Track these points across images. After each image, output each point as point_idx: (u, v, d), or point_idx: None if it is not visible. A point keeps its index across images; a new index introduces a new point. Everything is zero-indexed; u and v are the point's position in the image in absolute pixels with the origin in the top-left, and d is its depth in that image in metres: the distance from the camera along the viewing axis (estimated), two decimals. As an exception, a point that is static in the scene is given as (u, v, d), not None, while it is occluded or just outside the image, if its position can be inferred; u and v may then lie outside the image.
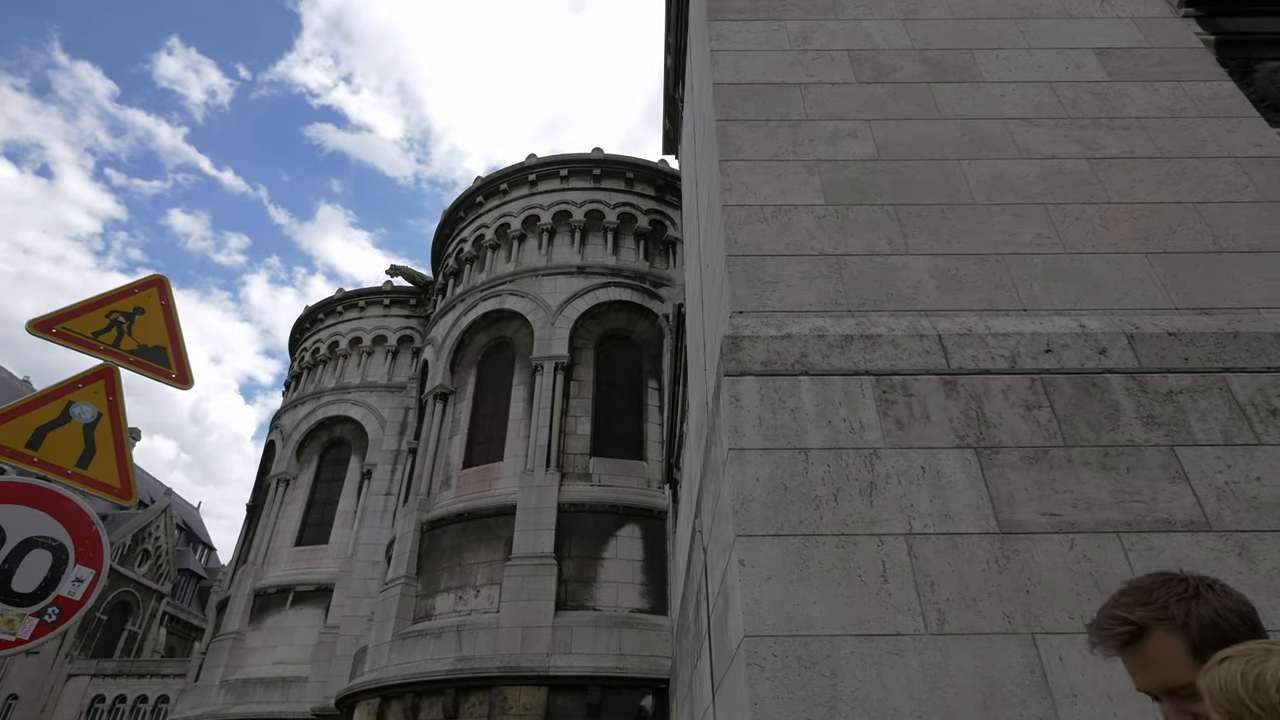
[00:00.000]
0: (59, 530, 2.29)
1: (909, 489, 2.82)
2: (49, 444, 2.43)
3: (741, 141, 4.14)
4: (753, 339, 3.25)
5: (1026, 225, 3.74)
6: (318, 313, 19.61)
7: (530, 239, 14.75)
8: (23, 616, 2.12)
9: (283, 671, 14.10)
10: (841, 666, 2.45)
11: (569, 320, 13.18)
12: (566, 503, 11.26)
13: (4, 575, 2.12)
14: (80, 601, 2.27)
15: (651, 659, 10.02)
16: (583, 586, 10.69)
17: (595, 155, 15.36)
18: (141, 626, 33.72)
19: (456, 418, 13.33)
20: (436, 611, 11.05)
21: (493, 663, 9.83)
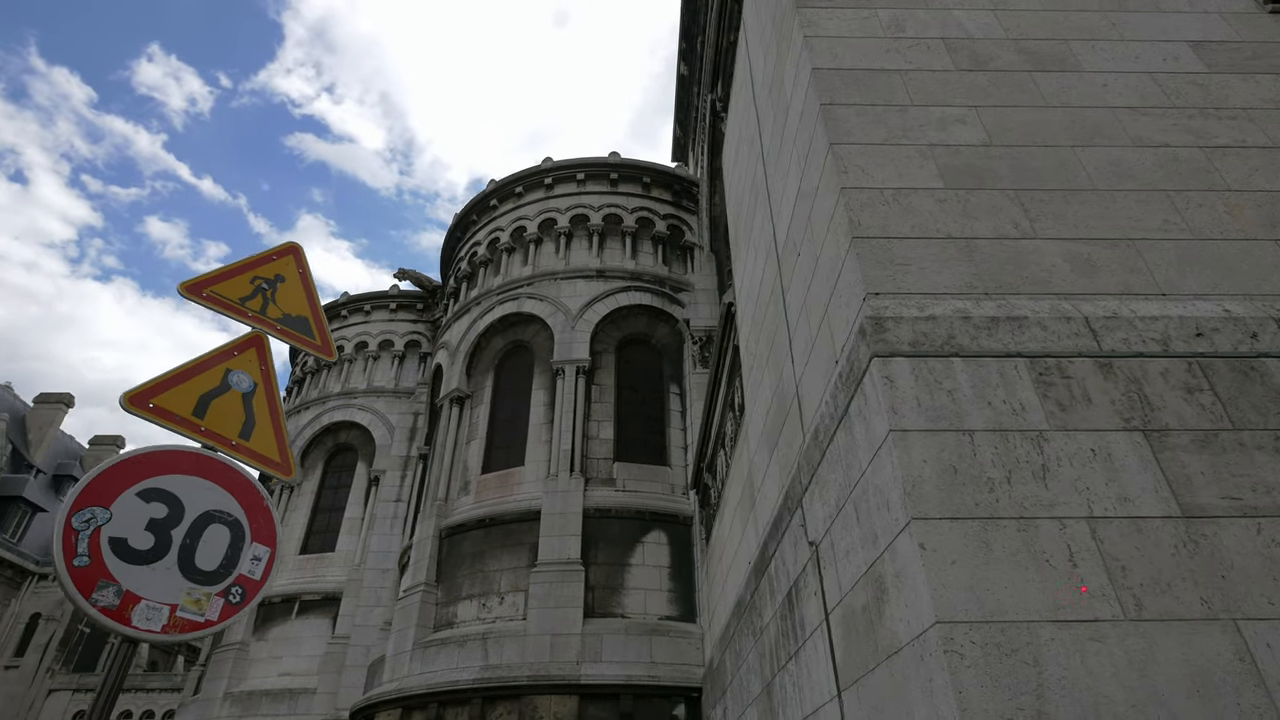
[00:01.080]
0: (233, 505, 2.12)
1: (1082, 472, 2.71)
2: (213, 413, 2.26)
3: (851, 125, 4.06)
4: (897, 320, 3.14)
5: (1151, 211, 3.68)
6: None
7: (547, 242, 14.62)
8: (209, 596, 1.95)
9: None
10: (1044, 654, 2.33)
11: (589, 324, 13.04)
12: (592, 508, 11.08)
13: (187, 551, 1.94)
14: (260, 581, 2.10)
15: (683, 667, 9.83)
16: (610, 593, 10.50)
17: (612, 159, 15.29)
18: (125, 639, 32.81)
19: (474, 422, 13.12)
20: (459, 619, 10.79)
21: (521, 671, 9.59)
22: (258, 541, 2.13)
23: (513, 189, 15.45)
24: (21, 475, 31.62)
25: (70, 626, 29.86)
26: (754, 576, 5.80)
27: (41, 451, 34.40)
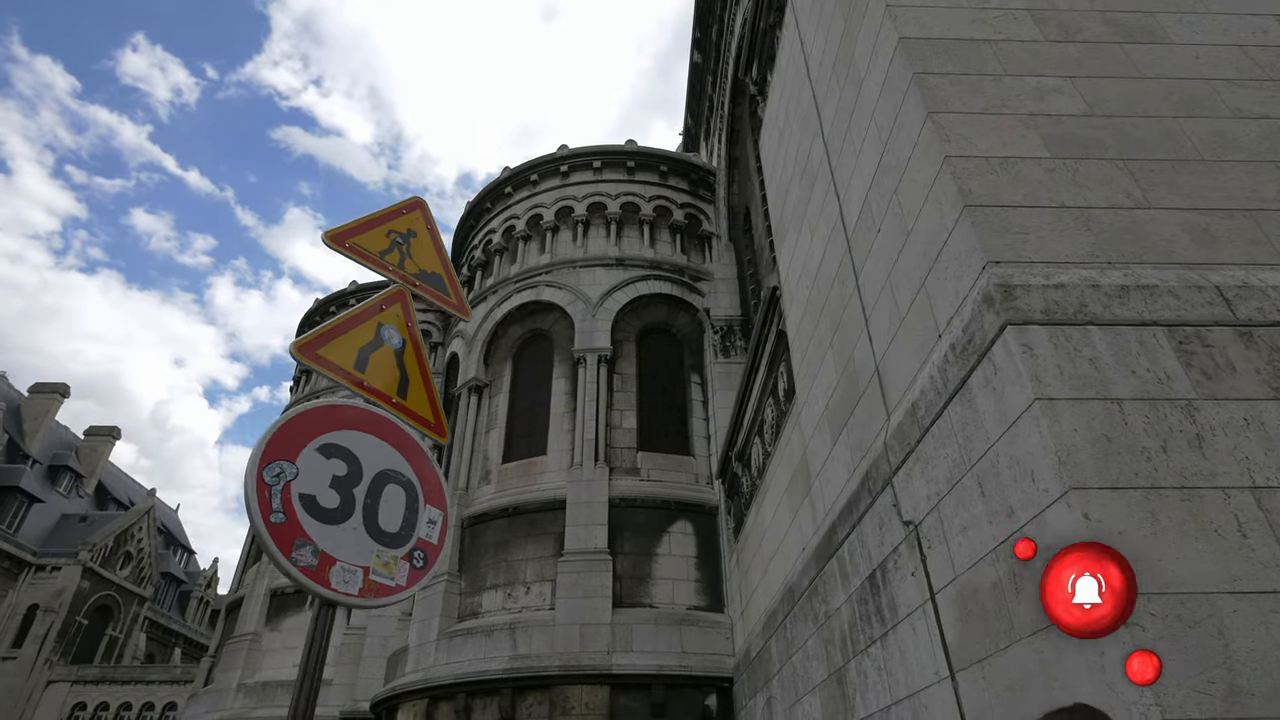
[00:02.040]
0: (405, 465, 2.00)
1: (1238, 440, 2.62)
2: (372, 367, 2.14)
3: (947, 95, 3.95)
4: (1026, 288, 3.04)
5: (1263, 182, 3.60)
6: (329, 306, 19.09)
7: (564, 230, 14.47)
8: (395, 559, 1.82)
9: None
10: (1227, 626, 2.24)
11: (610, 312, 12.91)
12: (617, 498, 10.97)
13: (370, 512, 1.82)
14: (438, 546, 1.98)
15: (714, 657, 9.75)
16: (638, 583, 10.40)
17: (629, 147, 15.14)
18: (123, 631, 32.49)
19: (493, 411, 12.97)
20: (484, 609, 10.67)
21: (552, 661, 9.49)
22: (431, 504, 2.01)
23: (528, 176, 15.27)
24: (17, 465, 31.19)
25: (68, 618, 29.51)
26: (815, 562, 5.71)
27: (37, 442, 33.96)
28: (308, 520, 1.65)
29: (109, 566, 31.96)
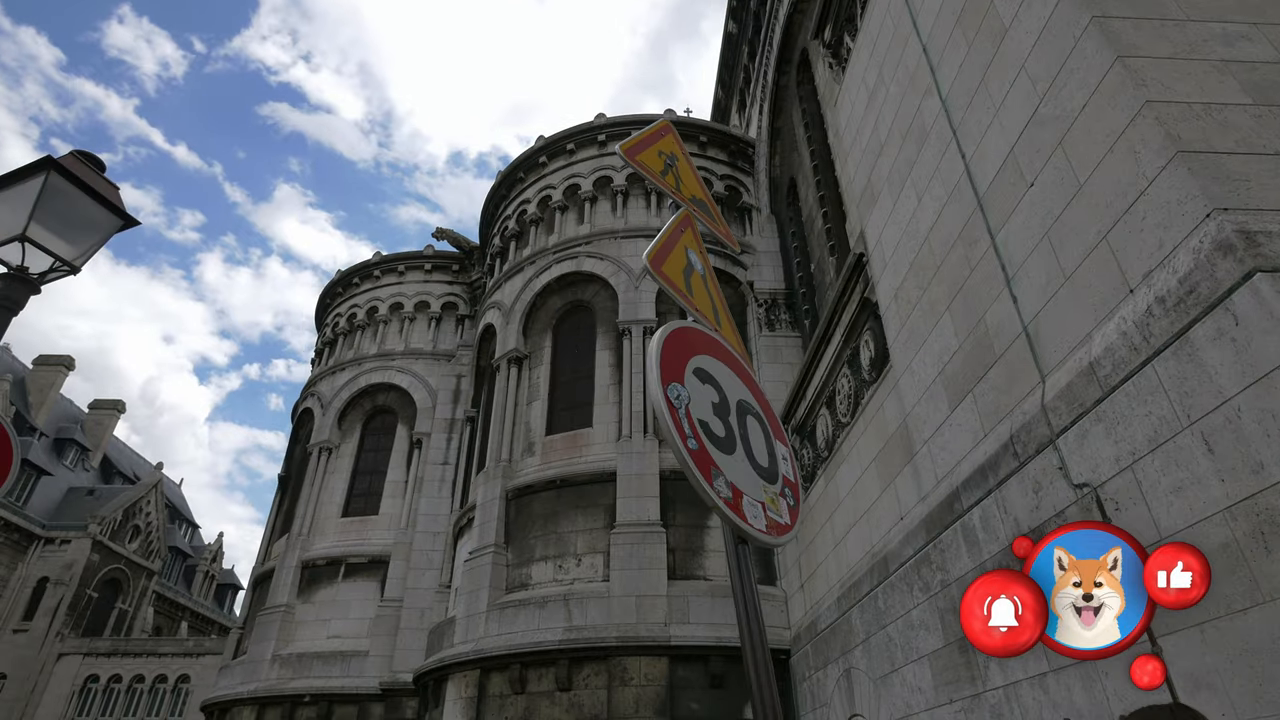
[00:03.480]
0: (751, 396, 1.83)
1: None
2: (695, 293, 1.96)
3: (1133, 39, 3.75)
4: (1269, 234, 2.87)
5: None
6: (353, 277, 18.79)
7: (602, 201, 14.22)
8: (776, 495, 1.66)
9: (340, 645, 13.49)
10: None
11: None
12: (667, 470, 10.84)
13: (746, 444, 1.65)
14: (796, 484, 1.81)
15: (770, 629, 9.67)
16: (690, 555, 10.31)
17: (668, 117, 14.84)
18: (132, 605, 32.39)
19: (534, 383, 12.80)
20: (534, 581, 10.57)
21: (609, 632, 9.40)
22: (778, 440, 1.85)
23: (564, 145, 14.97)
24: (25, 438, 30.85)
25: (79, 590, 29.38)
26: (923, 531, 5.59)
27: (43, 414, 33.60)
28: (711, 448, 1.49)
29: (118, 540, 31.79)
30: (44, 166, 2.84)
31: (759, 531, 1.53)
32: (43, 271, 2.83)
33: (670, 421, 1.39)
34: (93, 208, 2.93)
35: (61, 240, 2.86)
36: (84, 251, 2.96)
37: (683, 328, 1.70)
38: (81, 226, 2.92)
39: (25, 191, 2.78)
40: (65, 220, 2.85)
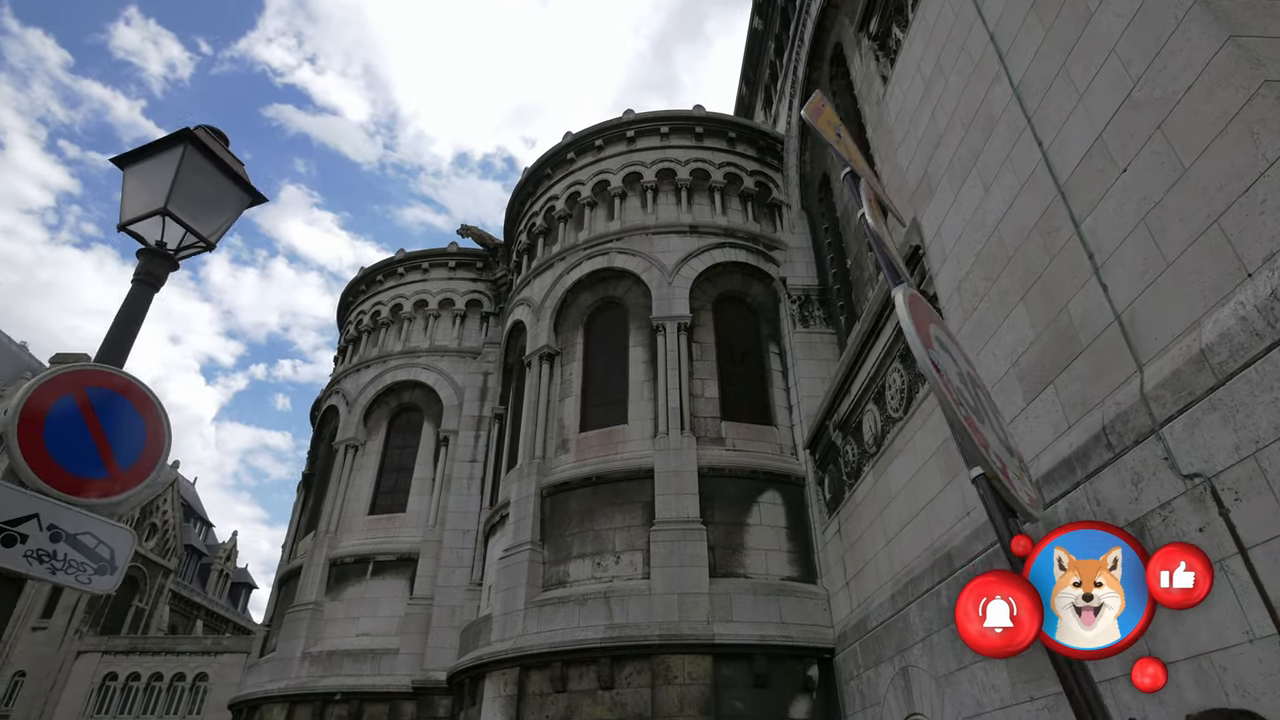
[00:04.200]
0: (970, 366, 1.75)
1: None
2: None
3: (1244, 18, 3.67)
4: None
5: None
6: (376, 274, 18.78)
7: (631, 197, 14.15)
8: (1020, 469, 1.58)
9: (370, 643, 13.45)
10: None
11: (687, 280, 12.65)
12: (705, 467, 10.78)
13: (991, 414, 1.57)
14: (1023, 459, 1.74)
15: (813, 628, 9.60)
16: (730, 553, 10.24)
17: (698, 113, 14.78)
18: (148, 603, 32.50)
19: (567, 379, 12.74)
20: (572, 578, 10.50)
21: (651, 630, 9.33)
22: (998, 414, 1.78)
23: (591, 142, 14.91)
24: (43, 436, 30.97)
25: (97, 589, 29.46)
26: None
27: (61, 413, 33.72)
28: (974, 418, 1.42)
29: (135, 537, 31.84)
30: (180, 140, 2.78)
31: (1028, 504, 1.45)
32: (180, 247, 2.77)
33: (942, 389, 1.32)
34: (224, 183, 2.87)
35: (197, 215, 2.80)
36: (218, 228, 2.90)
37: (915, 294, 1.63)
38: (215, 202, 2.86)
39: (164, 164, 2.72)
40: (200, 195, 2.79)
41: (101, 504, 2.24)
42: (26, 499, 2.06)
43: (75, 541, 2.09)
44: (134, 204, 2.73)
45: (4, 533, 1.94)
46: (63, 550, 2.06)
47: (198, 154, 2.79)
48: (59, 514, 2.11)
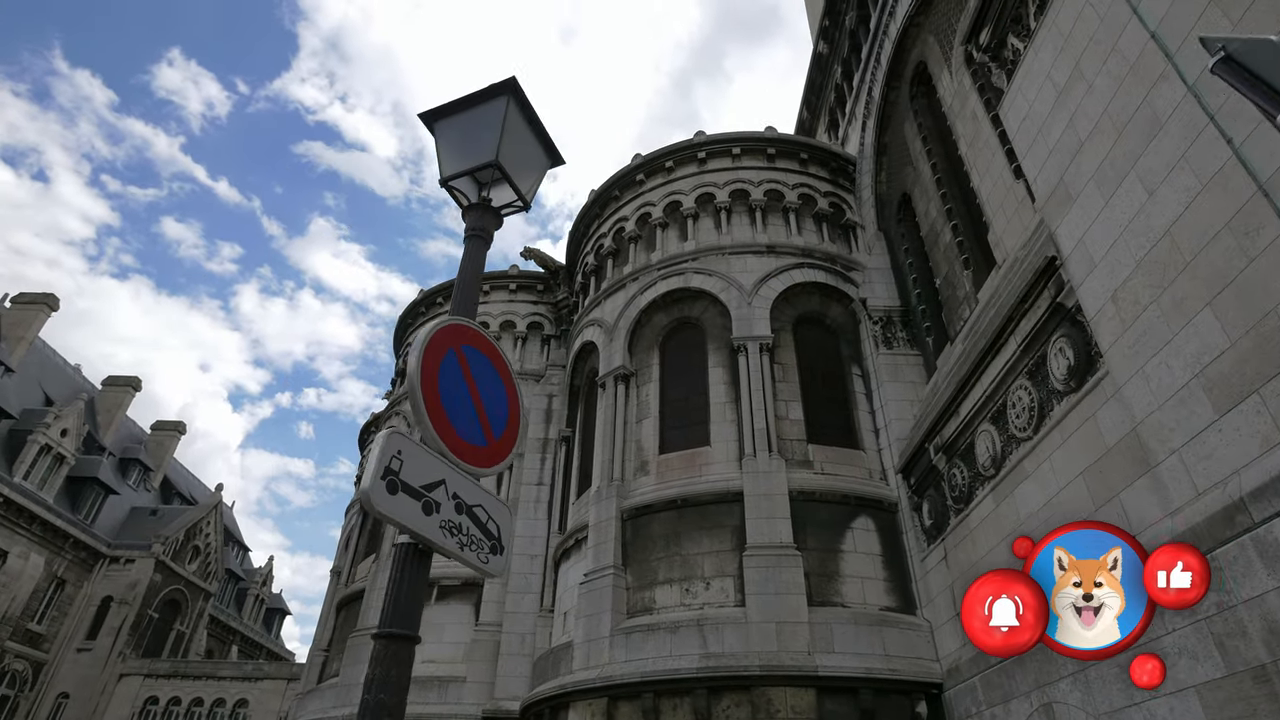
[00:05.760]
0: None
1: None
2: None
3: None
4: None
5: None
6: (435, 296, 18.80)
7: (704, 218, 14.02)
8: None
9: (436, 670, 13.09)
10: None
11: (766, 300, 12.41)
12: (795, 491, 10.41)
13: None
14: None
15: (918, 661, 9.13)
16: (826, 581, 9.82)
17: (769, 134, 14.69)
18: (189, 626, 32.38)
19: (643, 400, 12.49)
20: (659, 605, 10.13)
21: (751, 661, 8.92)
22: None
23: (662, 164, 14.85)
24: (94, 457, 31.31)
25: (140, 610, 29.42)
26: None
27: (110, 434, 34.15)
28: None
29: (179, 560, 31.90)
30: (503, 91, 2.60)
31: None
32: (504, 204, 2.59)
33: None
34: (533, 142, 2.69)
35: (517, 171, 2.62)
36: (530, 187, 2.72)
37: None
38: (527, 160, 2.68)
39: (484, 117, 2.54)
40: (516, 151, 2.61)
41: (484, 473, 2.01)
42: (437, 463, 1.83)
43: (473, 515, 1.87)
44: (454, 158, 2.55)
45: (423, 499, 1.72)
46: (465, 524, 1.84)
47: (516, 108, 2.62)
48: (460, 483, 1.88)
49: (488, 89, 2.63)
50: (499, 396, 2.14)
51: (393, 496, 1.65)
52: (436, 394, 1.85)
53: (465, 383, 1.98)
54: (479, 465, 1.98)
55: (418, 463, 1.74)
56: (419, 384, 1.83)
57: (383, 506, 1.64)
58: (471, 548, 1.84)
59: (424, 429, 1.84)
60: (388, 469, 1.64)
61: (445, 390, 1.89)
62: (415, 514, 1.67)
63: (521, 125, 2.63)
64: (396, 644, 1.66)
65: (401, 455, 1.68)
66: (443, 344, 1.95)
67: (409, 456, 1.72)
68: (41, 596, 27.98)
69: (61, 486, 29.27)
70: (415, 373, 1.84)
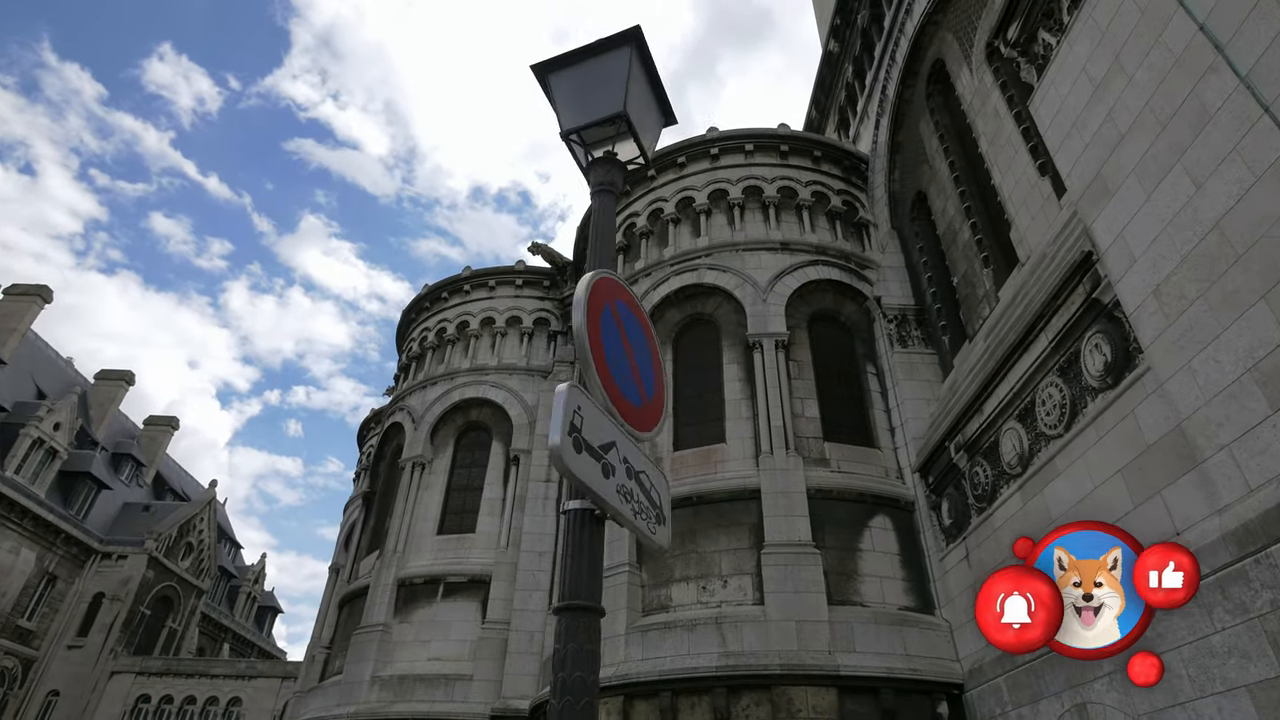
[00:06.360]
0: None
1: None
2: None
3: None
4: None
5: None
6: (441, 291, 18.63)
7: (717, 214, 13.92)
8: None
9: (442, 668, 12.94)
10: None
11: (781, 297, 12.33)
12: (813, 489, 10.32)
13: None
14: None
15: (939, 661, 9.05)
16: (844, 580, 9.73)
17: (782, 130, 14.62)
18: (181, 624, 31.98)
19: (657, 397, 12.36)
20: (675, 603, 10.02)
21: (771, 660, 8.81)
22: None
23: (674, 159, 14.75)
24: (87, 451, 30.89)
25: (133, 607, 29.04)
26: (1234, 544, 5.02)
27: (103, 429, 33.72)
28: None
29: (171, 557, 31.53)
30: (627, 40, 2.46)
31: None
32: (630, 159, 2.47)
33: None
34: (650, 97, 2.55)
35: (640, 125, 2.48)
36: (650, 143, 2.59)
37: None
38: (648, 115, 2.54)
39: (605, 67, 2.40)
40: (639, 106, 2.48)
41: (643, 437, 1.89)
42: (609, 424, 1.70)
43: (639, 481, 1.74)
44: (575, 111, 2.42)
45: (601, 460, 1.59)
46: (634, 490, 1.71)
47: (639, 61, 2.48)
48: (628, 446, 1.76)
49: (609, 39, 2.50)
50: (647, 355, 2.01)
51: (578, 455, 1.52)
52: (602, 351, 1.72)
53: (621, 340, 1.86)
54: (639, 428, 1.85)
55: (594, 422, 1.61)
56: (587, 340, 1.70)
57: (573, 465, 1.50)
58: (642, 516, 1.72)
59: (594, 388, 1.71)
60: (572, 425, 1.51)
61: (608, 347, 1.76)
62: (597, 476, 1.54)
63: (642, 79, 2.50)
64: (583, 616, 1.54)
65: (581, 412, 1.56)
66: (601, 298, 1.82)
67: (587, 414, 1.59)
68: (32, 593, 27.59)
69: (53, 481, 28.88)
70: (582, 327, 1.71)
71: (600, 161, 2.43)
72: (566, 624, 1.55)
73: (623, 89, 2.36)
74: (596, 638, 1.56)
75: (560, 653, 1.48)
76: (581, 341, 1.70)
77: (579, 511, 1.58)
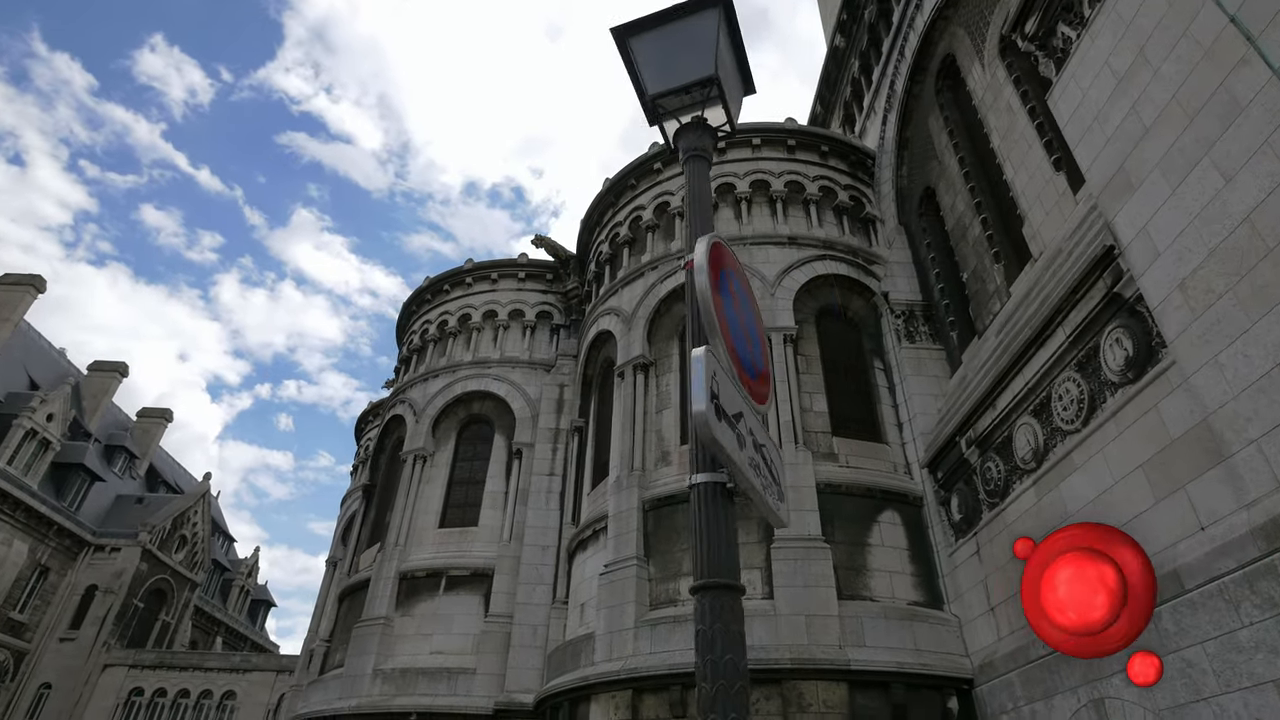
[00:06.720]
0: None
1: None
2: None
3: None
4: None
5: None
6: (443, 283, 18.49)
7: (725, 208, 13.84)
8: None
9: (444, 662, 12.86)
10: None
11: (789, 291, 12.27)
12: (822, 483, 10.28)
13: None
14: None
15: (949, 656, 9.04)
16: (854, 574, 9.70)
17: (790, 125, 14.56)
18: (174, 617, 31.75)
19: (663, 390, 12.32)
20: (682, 596, 9.97)
21: (781, 654, 8.77)
22: None
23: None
24: (80, 443, 30.60)
25: (126, 600, 28.80)
26: (1262, 539, 5.00)
27: (96, 420, 33.41)
28: None
29: (165, 550, 31.29)
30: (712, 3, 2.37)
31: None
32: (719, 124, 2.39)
33: None
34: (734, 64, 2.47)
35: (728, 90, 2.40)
36: (735, 111, 2.51)
37: None
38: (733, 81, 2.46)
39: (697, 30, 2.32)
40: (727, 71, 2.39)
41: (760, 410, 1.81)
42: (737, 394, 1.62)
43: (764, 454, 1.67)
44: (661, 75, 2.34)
45: (735, 430, 1.52)
46: (760, 462, 1.64)
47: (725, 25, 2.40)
48: (752, 418, 1.68)
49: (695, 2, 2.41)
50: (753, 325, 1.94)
51: (719, 423, 1.45)
52: (725, 318, 1.65)
53: (735, 309, 1.78)
54: (757, 401, 1.78)
55: (727, 391, 1.54)
56: (713, 306, 1.63)
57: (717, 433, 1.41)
58: (768, 491, 1.65)
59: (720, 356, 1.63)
60: (712, 392, 1.44)
61: (729, 315, 1.69)
62: (735, 446, 1.47)
63: (727, 44, 2.42)
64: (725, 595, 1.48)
65: (717, 380, 1.48)
66: (718, 264, 1.74)
67: (721, 382, 1.51)
68: (24, 585, 27.33)
69: (46, 472, 28.61)
70: (706, 291, 1.64)
71: (690, 127, 2.37)
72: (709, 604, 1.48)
73: (712, 52, 2.28)
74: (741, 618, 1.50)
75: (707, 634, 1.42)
76: (707, 306, 1.62)
77: (709, 485, 1.51)
